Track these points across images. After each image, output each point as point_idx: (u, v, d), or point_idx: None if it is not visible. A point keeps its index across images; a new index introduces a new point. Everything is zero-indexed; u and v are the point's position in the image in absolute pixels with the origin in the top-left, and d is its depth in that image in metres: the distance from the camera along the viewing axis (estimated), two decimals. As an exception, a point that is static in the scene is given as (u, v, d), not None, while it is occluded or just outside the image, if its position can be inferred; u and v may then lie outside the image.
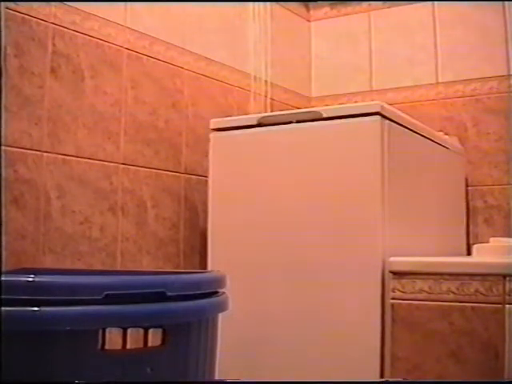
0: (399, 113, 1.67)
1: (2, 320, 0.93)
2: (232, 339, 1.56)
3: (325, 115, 1.63)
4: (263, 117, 1.77)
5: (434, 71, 2.24)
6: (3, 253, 1.35)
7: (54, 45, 1.54)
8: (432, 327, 1.45)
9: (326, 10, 2.50)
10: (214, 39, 2.07)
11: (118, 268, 1.67)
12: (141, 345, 1.03)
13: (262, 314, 1.65)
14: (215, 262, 1.73)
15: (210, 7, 2.05)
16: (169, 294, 1.07)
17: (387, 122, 1.57)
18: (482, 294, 1.41)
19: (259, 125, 1.73)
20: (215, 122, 1.83)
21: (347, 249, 1.55)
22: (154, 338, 1.05)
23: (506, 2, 2.11)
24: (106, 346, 0.99)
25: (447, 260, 1.53)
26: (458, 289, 1.43)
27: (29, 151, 1.47)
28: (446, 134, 2.05)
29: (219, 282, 1.23)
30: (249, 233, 1.70)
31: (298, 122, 1.68)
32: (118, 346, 1.01)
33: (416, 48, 2.28)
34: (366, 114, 1.57)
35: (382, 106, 1.56)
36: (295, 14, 2.46)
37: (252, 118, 1.78)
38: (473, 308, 1.41)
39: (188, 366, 1.13)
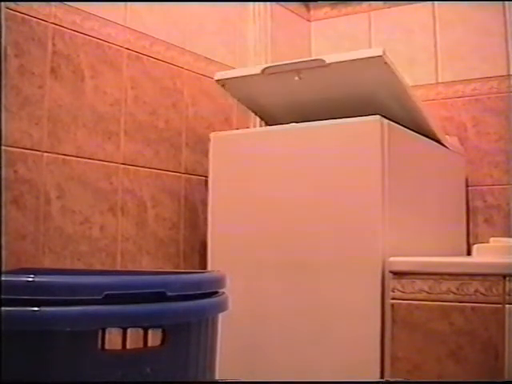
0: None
1: (2, 320, 0.93)
2: (232, 339, 1.56)
3: (328, 61, 1.63)
4: (267, 67, 1.77)
5: (434, 71, 2.24)
6: (3, 253, 1.35)
7: (54, 45, 1.54)
8: (432, 327, 1.45)
9: (326, 9, 2.50)
10: (214, 39, 2.07)
11: (118, 268, 1.67)
12: (141, 345, 1.03)
13: (261, 314, 1.65)
14: (215, 262, 1.73)
15: (210, 7, 2.05)
16: (169, 294, 1.07)
17: (387, 121, 1.57)
18: (481, 293, 1.41)
19: (263, 73, 1.73)
20: (220, 74, 1.84)
21: (347, 249, 1.56)
22: (154, 337, 1.05)
23: (506, 2, 2.11)
24: (106, 346, 0.99)
25: (447, 260, 1.53)
26: (457, 289, 1.43)
27: (29, 151, 1.47)
28: (446, 134, 2.04)
29: (219, 281, 1.23)
30: (249, 233, 1.70)
31: (301, 70, 1.68)
32: (118, 346, 1.01)
33: (416, 48, 2.28)
34: (369, 58, 1.58)
35: (383, 51, 1.57)
36: (295, 13, 2.46)
37: (256, 68, 1.79)
38: (473, 308, 1.41)
39: (188, 366, 1.13)
